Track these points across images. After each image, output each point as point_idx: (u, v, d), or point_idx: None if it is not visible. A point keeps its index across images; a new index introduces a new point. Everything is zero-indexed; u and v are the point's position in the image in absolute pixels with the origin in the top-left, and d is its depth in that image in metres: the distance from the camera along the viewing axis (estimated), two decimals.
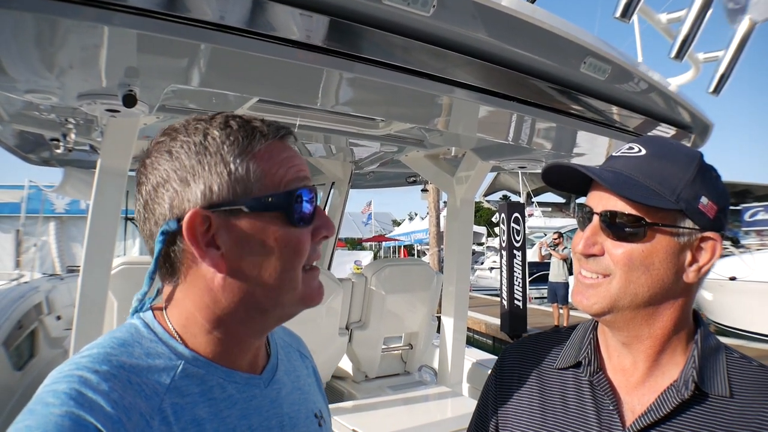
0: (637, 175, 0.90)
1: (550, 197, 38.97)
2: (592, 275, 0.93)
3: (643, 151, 0.93)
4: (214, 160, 0.75)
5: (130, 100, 1.47)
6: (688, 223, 0.88)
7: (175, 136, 0.78)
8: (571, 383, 1.01)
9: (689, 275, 0.90)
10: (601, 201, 0.93)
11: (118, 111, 1.62)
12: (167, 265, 0.79)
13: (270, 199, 0.77)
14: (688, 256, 0.89)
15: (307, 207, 0.80)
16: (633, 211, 0.88)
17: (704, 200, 0.88)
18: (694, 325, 0.96)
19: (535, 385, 1.06)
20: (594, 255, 0.92)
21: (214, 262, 0.75)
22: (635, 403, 0.94)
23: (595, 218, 0.93)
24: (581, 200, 1.04)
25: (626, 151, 0.95)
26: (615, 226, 0.90)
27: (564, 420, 0.98)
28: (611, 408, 0.94)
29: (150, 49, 1.28)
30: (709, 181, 0.90)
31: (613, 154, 0.97)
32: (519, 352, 1.14)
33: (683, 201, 0.87)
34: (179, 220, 0.75)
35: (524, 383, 1.08)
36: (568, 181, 1.01)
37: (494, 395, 1.12)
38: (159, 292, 0.84)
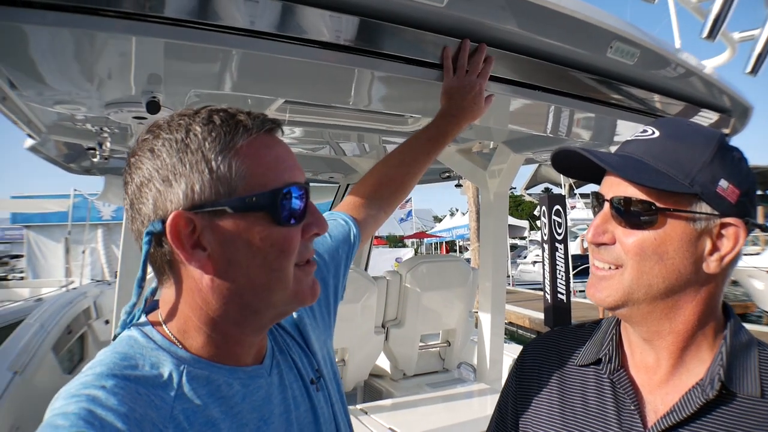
0: (648, 158, 0.85)
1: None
2: (605, 266, 0.88)
3: (657, 133, 0.87)
4: (196, 158, 0.73)
5: (153, 107, 1.48)
6: (705, 208, 0.81)
7: (158, 133, 0.76)
8: (591, 381, 0.97)
9: (710, 265, 0.83)
10: (611, 187, 0.88)
11: (144, 118, 1.65)
12: (156, 267, 0.77)
13: (254, 199, 0.74)
14: (708, 245, 0.83)
15: (296, 204, 0.77)
16: (644, 197, 0.83)
17: (723, 183, 0.81)
18: (725, 319, 0.90)
19: (554, 382, 1.02)
20: (605, 244, 0.88)
21: (200, 264, 0.74)
22: (658, 402, 0.88)
23: (606, 205, 0.88)
24: None
25: (640, 134, 0.90)
26: (625, 212, 0.85)
27: (583, 419, 0.94)
28: (632, 408, 0.89)
29: (170, 56, 1.29)
30: (729, 162, 0.83)
31: (628, 138, 0.92)
32: (540, 347, 1.10)
33: (698, 184, 0.81)
34: (163, 221, 0.73)
35: (544, 379, 1.04)
36: (580, 168, 0.96)
37: (514, 391, 1.09)
38: (146, 302, 0.82)
